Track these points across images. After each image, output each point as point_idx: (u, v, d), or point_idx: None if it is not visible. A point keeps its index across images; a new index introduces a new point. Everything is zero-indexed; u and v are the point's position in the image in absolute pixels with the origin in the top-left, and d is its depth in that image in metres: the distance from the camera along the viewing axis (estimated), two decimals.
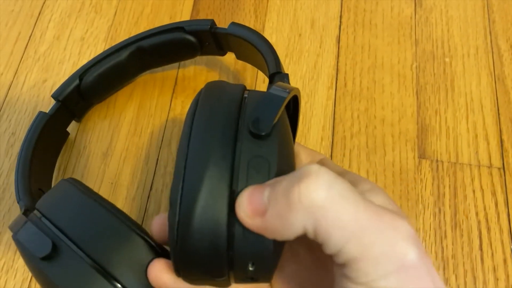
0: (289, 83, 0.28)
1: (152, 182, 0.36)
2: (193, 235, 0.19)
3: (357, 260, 0.18)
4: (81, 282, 0.23)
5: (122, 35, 0.42)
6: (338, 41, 0.42)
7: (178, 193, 0.19)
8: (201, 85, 0.40)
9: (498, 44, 0.42)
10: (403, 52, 0.42)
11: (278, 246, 0.21)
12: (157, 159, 0.37)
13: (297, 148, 0.27)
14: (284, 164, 0.21)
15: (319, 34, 0.42)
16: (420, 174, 0.37)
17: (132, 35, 0.38)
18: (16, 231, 0.25)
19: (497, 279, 0.33)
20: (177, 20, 0.43)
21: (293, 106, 0.27)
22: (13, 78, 0.40)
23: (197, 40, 0.36)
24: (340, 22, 0.43)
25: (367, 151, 0.37)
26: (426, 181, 0.36)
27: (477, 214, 0.35)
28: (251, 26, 0.42)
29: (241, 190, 0.20)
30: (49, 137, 0.34)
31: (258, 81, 0.40)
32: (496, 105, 0.40)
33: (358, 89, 0.40)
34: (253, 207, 0.19)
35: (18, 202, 0.29)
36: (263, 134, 0.20)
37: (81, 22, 0.43)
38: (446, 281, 0.33)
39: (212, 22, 0.35)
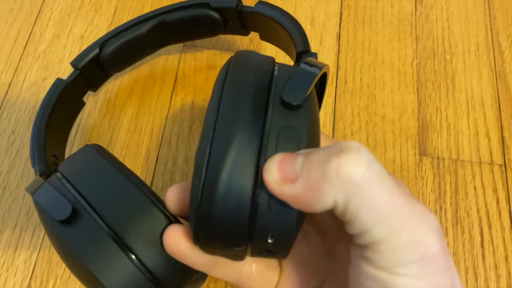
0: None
1: (152, 180, 0.36)
2: (217, 199, 0.19)
3: (382, 243, 0.18)
4: (96, 249, 0.23)
5: None
6: (338, 38, 0.42)
7: (205, 155, 0.19)
8: (201, 83, 0.40)
9: (499, 41, 0.42)
10: (403, 49, 0.42)
11: (299, 221, 0.20)
12: (157, 157, 0.37)
13: None
14: (313, 139, 0.20)
15: (319, 31, 0.42)
16: (421, 171, 0.37)
17: None
18: (33, 192, 0.24)
19: (499, 276, 0.33)
20: None
21: (319, 85, 0.26)
22: (13, 76, 0.40)
23: (221, 18, 0.36)
24: (340, 19, 0.43)
25: (367, 148, 0.37)
26: (427, 178, 0.36)
27: (478, 211, 0.35)
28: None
29: (270, 157, 0.19)
30: (65, 104, 0.33)
31: None
32: (497, 101, 0.39)
33: (358, 86, 0.40)
34: (283, 173, 0.18)
35: (33, 166, 0.29)
36: (295, 104, 0.19)
37: (80, 21, 0.43)
38: None
39: (239, 0, 0.35)
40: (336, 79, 0.40)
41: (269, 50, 0.41)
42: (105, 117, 0.38)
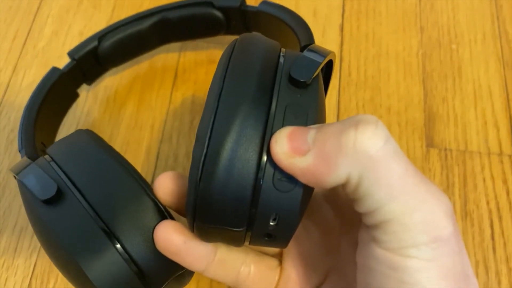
0: None
1: (153, 176, 0.35)
2: (219, 172, 0.18)
3: (394, 222, 0.17)
4: (79, 234, 0.21)
5: None
6: (342, 30, 0.41)
7: (209, 125, 0.18)
8: (201, 77, 0.39)
9: (506, 29, 0.41)
10: (408, 39, 0.41)
11: (304, 203, 0.19)
12: (158, 153, 0.36)
13: None
14: (321, 114, 0.20)
15: (322, 23, 0.42)
16: (429, 163, 0.36)
17: None
18: (19, 172, 0.23)
19: (510, 269, 0.32)
20: None
21: (326, 72, 0.26)
22: (12, 74, 0.40)
23: (224, 17, 0.35)
24: (343, 10, 0.42)
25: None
26: (435, 170, 0.35)
27: (488, 203, 0.34)
28: None
29: (277, 130, 0.18)
30: (58, 94, 0.33)
31: None
32: (505, 91, 0.38)
33: (363, 78, 0.39)
34: (294, 144, 0.18)
35: (19, 150, 0.28)
36: (303, 81, 0.19)
37: (79, 18, 0.42)
38: None
39: (243, 1, 0.34)
40: (340, 71, 0.39)
41: None
42: (105, 114, 0.38)
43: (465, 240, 0.33)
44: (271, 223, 0.19)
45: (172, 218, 0.23)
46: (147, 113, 0.38)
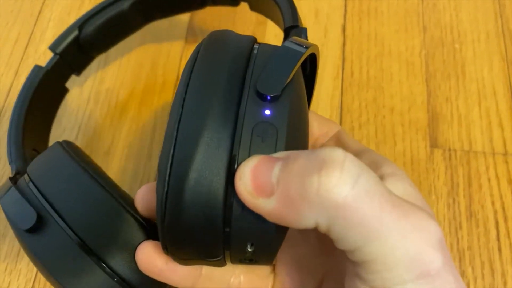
0: (306, 39, 0.24)
1: (155, 179, 0.35)
2: (183, 208, 0.16)
3: (375, 262, 0.16)
4: (65, 260, 0.21)
5: None
6: (344, 30, 0.41)
7: (168, 159, 0.16)
8: None
9: (510, 28, 0.41)
10: (410, 39, 0.41)
11: (282, 228, 0.18)
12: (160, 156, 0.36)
13: (310, 117, 0.23)
14: (295, 134, 0.18)
15: (323, 23, 0.41)
16: (433, 163, 0.35)
17: None
18: (1, 197, 0.23)
19: None
20: (178, 16, 0.42)
21: (310, 67, 0.23)
22: (14, 78, 0.40)
23: None
24: (345, 10, 0.42)
25: (376, 141, 0.36)
26: (439, 170, 0.35)
27: (493, 203, 0.34)
28: (254, 19, 0.42)
29: (242, 160, 0.16)
30: (46, 93, 0.31)
31: None
32: (509, 90, 0.38)
33: (365, 78, 0.39)
34: (258, 184, 0.16)
35: (9, 164, 0.27)
36: (272, 95, 0.17)
37: None
38: (463, 273, 0.32)
39: None
40: (342, 72, 0.39)
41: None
42: (106, 117, 0.38)
43: (470, 241, 0.33)
44: (249, 250, 0.18)
45: (155, 230, 0.22)
46: (149, 116, 0.38)
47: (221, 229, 0.17)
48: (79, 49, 0.33)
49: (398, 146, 0.36)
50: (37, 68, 0.31)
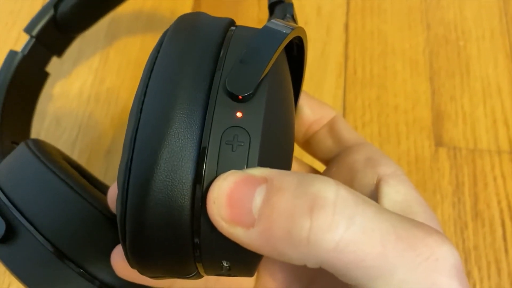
0: (294, 15, 0.21)
1: None
2: (144, 231, 0.14)
3: None
4: (40, 270, 0.20)
5: (123, 31, 0.41)
6: (346, 28, 0.41)
7: (126, 174, 0.14)
8: None
9: None
10: (414, 37, 0.40)
11: None
12: None
13: (302, 101, 0.22)
14: (273, 138, 0.15)
15: (325, 21, 0.41)
16: (437, 162, 0.35)
17: (132, 31, 0.37)
18: None
19: None
20: (178, 12, 0.42)
21: (297, 50, 0.20)
22: None
23: None
24: (348, 8, 0.42)
25: (380, 140, 0.36)
26: (444, 169, 0.35)
27: (499, 202, 0.33)
28: (255, 17, 0.41)
29: (209, 175, 0.14)
30: (24, 80, 0.29)
31: None
32: None
33: (368, 77, 0.38)
34: (235, 213, 0.14)
35: None
36: (244, 95, 0.14)
37: None
38: (469, 273, 0.31)
39: None
40: (345, 70, 0.39)
41: None
42: (107, 116, 0.37)
43: (476, 241, 0.32)
44: (225, 265, 0.16)
45: None
46: None
47: (190, 248, 0.15)
48: (57, 29, 0.31)
49: (402, 145, 0.36)
50: (12, 53, 0.29)
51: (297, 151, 0.22)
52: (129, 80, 0.39)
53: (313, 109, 0.22)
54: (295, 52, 0.20)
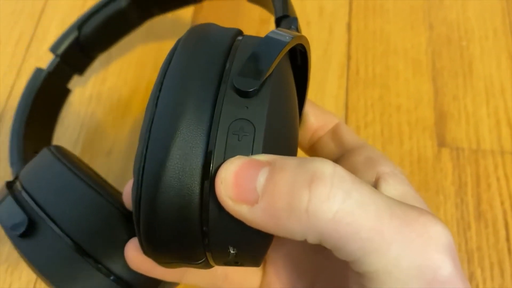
0: (298, 28, 0.22)
1: None
2: (157, 213, 0.15)
3: (379, 273, 0.15)
4: (58, 263, 0.21)
5: None
6: (349, 28, 0.41)
7: (141, 161, 0.16)
8: None
9: None
10: (417, 37, 0.40)
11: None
12: None
13: (306, 108, 0.23)
14: (277, 132, 0.17)
15: (328, 21, 0.41)
16: (440, 163, 0.35)
17: (134, 31, 0.37)
18: None
19: None
20: (181, 15, 0.42)
21: (301, 60, 0.21)
22: (16, 77, 0.39)
23: None
24: (350, 8, 0.42)
25: (382, 140, 0.36)
26: (447, 170, 0.35)
27: (502, 203, 0.33)
28: (257, 17, 0.41)
29: (217, 162, 0.15)
30: (48, 95, 0.31)
31: None
32: None
33: (371, 77, 0.38)
34: (240, 191, 0.15)
35: (10, 166, 0.27)
36: (250, 90, 0.16)
37: None
38: (471, 275, 0.31)
39: None
40: (348, 70, 0.39)
41: None
42: (109, 116, 0.37)
43: (479, 242, 0.32)
44: (232, 252, 0.17)
45: None
46: None
47: (199, 232, 0.16)
48: (80, 50, 0.34)
49: (405, 145, 0.35)
50: (38, 71, 0.31)
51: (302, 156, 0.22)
52: (130, 80, 0.39)
53: (317, 116, 0.23)
54: (299, 61, 0.21)
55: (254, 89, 0.16)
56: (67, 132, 0.36)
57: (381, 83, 0.38)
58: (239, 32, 0.18)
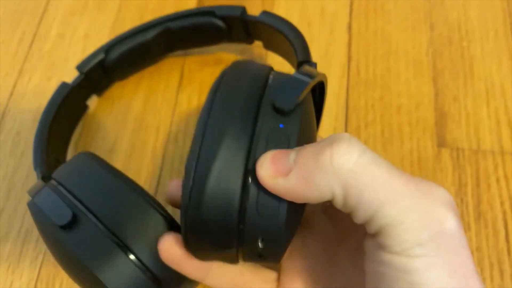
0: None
1: (159, 178, 0.35)
2: (205, 201, 0.19)
3: (392, 225, 0.17)
4: (98, 253, 0.23)
5: None
6: (350, 28, 0.41)
7: (194, 160, 0.19)
8: (207, 78, 0.39)
9: None
10: (418, 37, 0.40)
11: (290, 226, 0.20)
12: (164, 155, 0.36)
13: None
14: (303, 143, 0.20)
15: (329, 21, 0.41)
16: (440, 163, 0.35)
17: None
18: (34, 196, 0.25)
19: None
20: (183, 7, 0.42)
21: (319, 94, 0.26)
22: (18, 77, 0.40)
23: (226, 26, 0.36)
24: (351, 8, 0.42)
25: (383, 140, 0.36)
26: (447, 170, 0.35)
27: (502, 203, 0.33)
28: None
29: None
30: (68, 108, 0.34)
31: None
32: None
33: (372, 77, 0.38)
34: (277, 166, 0.18)
35: (35, 169, 0.29)
36: (286, 109, 0.20)
37: (85, 20, 0.42)
38: None
39: (243, 9, 0.35)
40: (348, 70, 0.39)
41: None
42: (110, 116, 0.37)
43: (479, 242, 0.32)
44: (259, 245, 0.20)
45: (179, 225, 0.23)
46: (153, 115, 0.37)
47: (236, 221, 0.19)
48: (103, 71, 0.36)
49: (405, 145, 0.36)
50: (63, 84, 0.34)
51: None
52: (132, 78, 0.39)
53: None
54: (317, 93, 0.26)
55: (289, 108, 0.20)
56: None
57: (382, 83, 0.38)
58: (271, 68, 0.23)
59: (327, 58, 0.39)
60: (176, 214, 0.29)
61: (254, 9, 0.42)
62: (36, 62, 0.40)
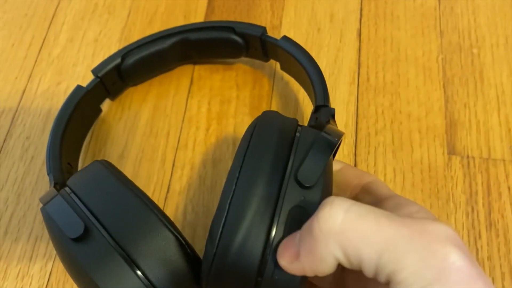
0: (334, 118, 0.29)
1: (169, 184, 0.35)
2: (226, 269, 0.21)
3: (396, 272, 0.18)
4: (106, 267, 0.23)
5: (136, 36, 0.41)
6: (359, 35, 0.41)
7: (219, 228, 0.21)
8: (217, 84, 0.39)
9: None
10: (427, 44, 0.40)
11: None
12: (174, 161, 0.36)
13: (345, 170, 0.27)
14: None
15: (338, 27, 0.41)
16: (450, 171, 0.35)
17: (146, 35, 0.37)
18: (46, 203, 0.25)
19: None
20: (191, 18, 0.42)
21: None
22: (28, 81, 0.40)
23: (244, 43, 0.36)
24: (361, 15, 0.42)
25: (393, 148, 0.36)
26: (457, 178, 0.34)
27: None
28: (268, 22, 0.41)
29: (277, 237, 0.21)
30: (83, 111, 0.34)
31: (275, 84, 0.39)
32: None
33: (381, 84, 0.38)
34: (289, 252, 0.20)
35: (48, 174, 0.29)
36: (308, 185, 0.21)
37: (94, 24, 0.42)
38: None
39: (264, 30, 0.35)
40: (358, 77, 0.39)
41: None
42: (120, 121, 0.37)
43: (490, 251, 0.32)
44: None
45: (189, 246, 0.24)
46: (163, 120, 0.37)
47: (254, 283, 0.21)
48: (119, 76, 0.36)
49: (415, 153, 0.35)
50: (78, 88, 0.34)
51: None
52: (142, 84, 0.39)
53: (354, 176, 0.27)
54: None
55: (312, 185, 0.21)
56: None
57: (392, 90, 0.38)
58: (297, 123, 0.24)
59: (337, 64, 0.39)
60: (185, 230, 0.30)
61: (262, 15, 0.42)
62: (45, 66, 0.40)
